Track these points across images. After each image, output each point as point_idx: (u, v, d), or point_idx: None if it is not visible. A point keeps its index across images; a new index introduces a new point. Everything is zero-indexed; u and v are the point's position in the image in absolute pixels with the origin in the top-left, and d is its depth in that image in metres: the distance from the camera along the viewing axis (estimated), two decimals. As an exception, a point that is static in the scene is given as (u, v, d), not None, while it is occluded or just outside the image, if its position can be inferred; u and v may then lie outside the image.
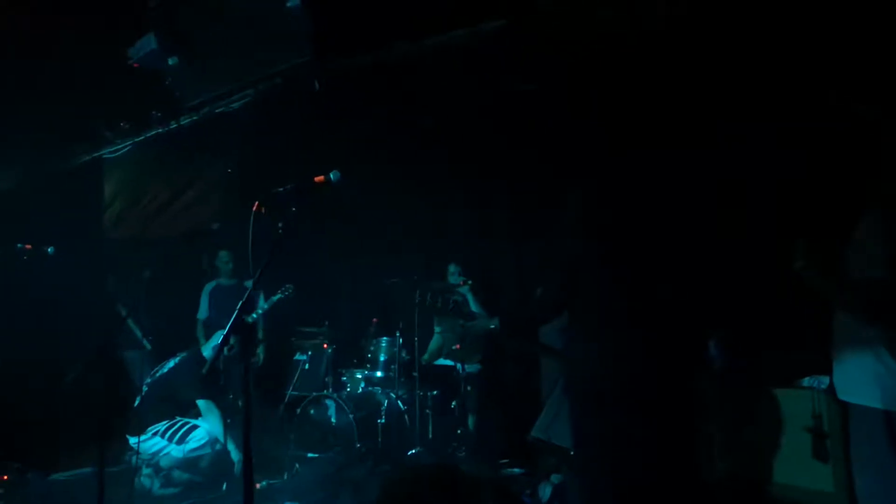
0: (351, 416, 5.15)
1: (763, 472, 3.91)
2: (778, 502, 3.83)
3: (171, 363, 5.29)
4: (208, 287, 6.46)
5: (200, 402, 5.08)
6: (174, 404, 5.12)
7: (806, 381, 3.82)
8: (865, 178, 2.78)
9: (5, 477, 4.96)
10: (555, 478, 4.51)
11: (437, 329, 6.13)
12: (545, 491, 4.48)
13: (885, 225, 2.54)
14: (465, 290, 5.69)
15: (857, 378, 2.69)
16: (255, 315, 5.93)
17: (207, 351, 5.40)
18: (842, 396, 2.80)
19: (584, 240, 3.29)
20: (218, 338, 5.47)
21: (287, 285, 5.67)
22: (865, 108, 3.02)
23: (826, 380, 3.59)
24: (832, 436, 3.65)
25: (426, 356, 5.97)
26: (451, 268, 5.98)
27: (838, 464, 3.57)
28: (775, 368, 4.03)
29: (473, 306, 5.59)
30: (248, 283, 6.37)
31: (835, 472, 3.60)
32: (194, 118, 4.95)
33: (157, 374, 5.26)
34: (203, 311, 6.42)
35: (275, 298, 5.77)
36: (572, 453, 3.68)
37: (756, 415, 4.01)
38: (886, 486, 2.58)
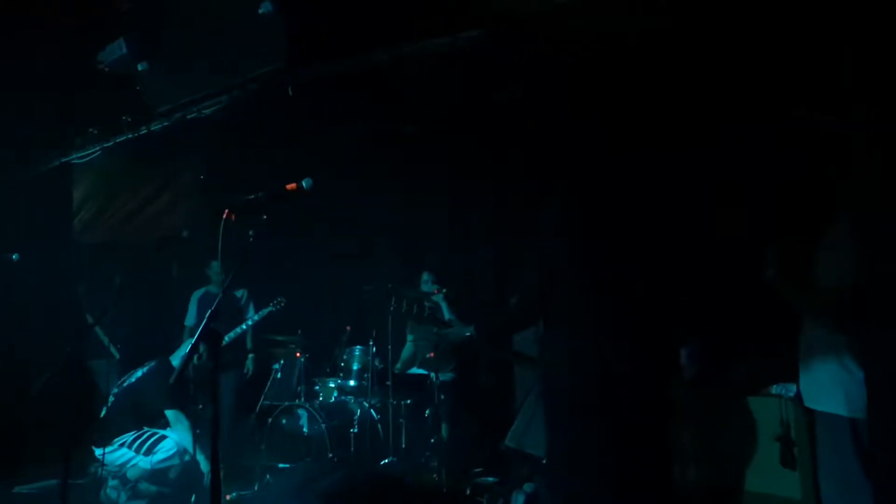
0: (323, 425, 5.10)
1: (732, 480, 3.95)
2: (746, 509, 3.88)
3: (140, 372, 5.19)
4: (197, 294, 6.37)
5: (169, 413, 4.99)
6: (142, 414, 5.02)
7: (774, 389, 3.86)
8: (835, 185, 2.83)
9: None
10: (528, 487, 4.52)
11: (409, 337, 6.11)
12: (518, 500, 4.48)
13: (853, 230, 2.59)
14: (438, 298, 5.69)
15: (823, 385, 2.73)
16: (244, 326, 5.89)
17: (176, 360, 5.31)
18: (808, 404, 2.84)
19: (561, 245, 3.30)
20: (186, 347, 5.40)
21: (279, 298, 5.66)
22: (832, 119, 3.07)
23: (793, 387, 3.64)
24: (799, 443, 3.70)
25: (399, 365, 5.94)
26: (425, 276, 5.98)
27: (805, 471, 3.62)
28: (745, 376, 4.07)
29: (447, 314, 5.59)
30: (238, 293, 6.34)
31: (802, 480, 3.65)
32: (165, 124, 4.89)
33: (125, 384, 5.16)
34: (191, 318, 6.32)
35: (265, 311, 5.72)
36: (545, 462, 3.69)
37: (726, 422, 4.05)
38: (851, 493, 2.62)
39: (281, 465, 5.16)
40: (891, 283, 2.43)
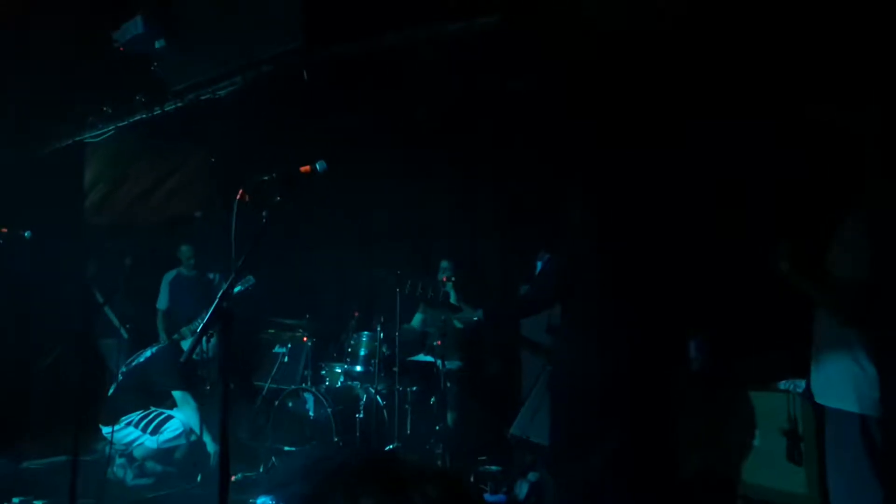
0: (329, 409, 5.12)
1: (737, 473, 3.95)
2: (751, 502, 3.88)
3: (148, 352, 5.22)
4: (168, 276, 6.32)
5: (176, 393, 5.02)
6: (149, 394, 5.06)
7: (783, 384, 3.86)
8: (850, 179, 2.81)
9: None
10: (532, 475, 4.53)
11: (418, 317, 6.13)
12: (522, 489, 4.50)
13: (869, 226, 2.56)
14: (448, 286, 5.68)
15: (834, 382, 2.72)
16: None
17: (188, 343, 5.33)
18: (819, 400, 2.83)
19: (583, 245, 3.32)
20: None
21: (248, 276, 5.43)
22: (845, 115, 3.05)
23: (802, 383, 3.63)
24: (806, 439, 3.69)
25: (406, 325, 5.92)
26: (444, 263, 5.96)
27: (811, 466, 3.62)
28: (754, 370, 4.06)
29: (455, 302, 5.58)
30: (211, 275, 6.30)
31: (808, 475, 3.65)
32: (179, 105, 4.89)
33: (133, 363, 5.19)
34: (163, 301, 6.27)
35: (234, 291, 5.57)
36: (549, 451, 3.70)
37: (733, 416, 4.05)
38: (859, 490, 2.61)
39: (286, 448, 5.19)
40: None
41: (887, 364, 2.46)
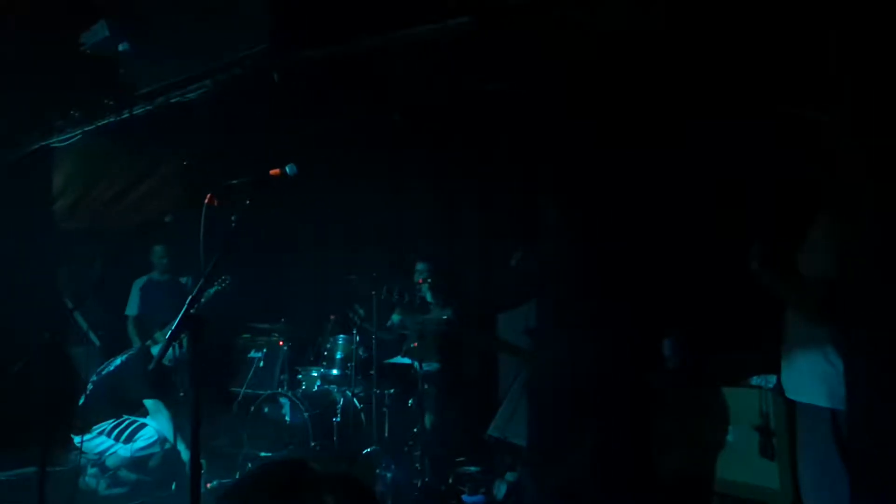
0: (306, 414, 5.09)
1: (710, 469, 3.98)
2: (724, 498, 3.91)
3: (119, 360, 5.14)
4: (139, 282, 6.19)
5: (148, 402, 4.95)
6: (121, 402, 4.98)
7: (754, 380, 3.90)
8: (819, 179, 2.84)
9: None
10: (510, 476, 4.54)
11: (395, 317, 6.10)
12: (500, 489, 4.50)
13: (836, 226, 2.60)
14: (424, 287, 5.68)
15: (805, 377, 2.76)
16: (191, 311, 5.71)
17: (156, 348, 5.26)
18: (790, 395, 2.87)
19: (558, 245, 3.33)
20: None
21: (224, 277, 5.35)
22: (817, 114, 3.08)
23: (773, 378, 3.68)
24: (778, 434, 3.73)
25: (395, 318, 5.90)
26: (420, 265, 5.94)
27: (784, 461, 3.66)
28: (726, 367, 4.10)
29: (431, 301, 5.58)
30: (183, 279, 6.21)
31: (780, 470, 3.69)
32: (149, 108, 4.82)
33: (104, 372, 5.11)
34: (133, 308, 6.14)
35: (211, 291, 5.47)
36: (527, 451, 3.72)
37: (706, 412, 4.09)
38: (830, 482, 2.65)
39: (263, 454, 5.14)
40: (869, 281, 2.45)
41: (853, 362, 2.48)
